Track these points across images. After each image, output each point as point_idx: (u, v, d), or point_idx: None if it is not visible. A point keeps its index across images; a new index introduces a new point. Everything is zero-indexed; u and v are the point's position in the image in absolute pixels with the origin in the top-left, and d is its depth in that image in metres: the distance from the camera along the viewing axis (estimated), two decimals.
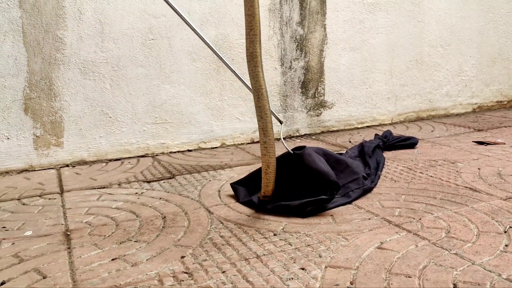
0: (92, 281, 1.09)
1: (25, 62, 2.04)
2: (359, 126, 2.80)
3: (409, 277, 1.05)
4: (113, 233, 1.37)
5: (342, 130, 2.74)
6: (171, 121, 2.33)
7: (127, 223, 1.44)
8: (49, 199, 1.71)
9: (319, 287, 1.03)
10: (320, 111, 2.68)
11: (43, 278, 1.12)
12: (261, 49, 1.33)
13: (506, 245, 1.19)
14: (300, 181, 1.55)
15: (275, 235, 1.32)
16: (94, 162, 2.20)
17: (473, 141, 2.32)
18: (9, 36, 2.01)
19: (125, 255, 1.22)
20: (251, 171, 1.92)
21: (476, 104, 3.18)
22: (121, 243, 1.29)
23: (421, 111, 2.99)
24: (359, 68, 2.75)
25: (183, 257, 1.19)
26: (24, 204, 1.66)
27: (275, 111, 2.54)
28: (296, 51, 2.56)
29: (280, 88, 2.55)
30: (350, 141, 2.44)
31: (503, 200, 1.52)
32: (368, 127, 2.81)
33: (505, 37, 3.19)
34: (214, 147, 2.43)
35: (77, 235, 1.36)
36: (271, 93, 2.53)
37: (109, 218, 1.49)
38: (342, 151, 2.17)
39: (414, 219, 1.39)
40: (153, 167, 2.08)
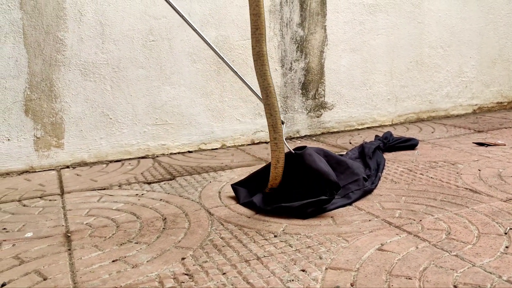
0: (92, 282, 1.09)
1: (25, 63, 2.04)
2: (359, 127, 2.80)
3: (410, 278, 1.05)
4: (113, 234, 1.37)
5: (342, 131, 2.75)
6: (172, 123, 2.33)
7: (127, 224, 1.44)
8: (50, 200, 1.71)
9: None
10: (320, 112, 2.68)
11: (44, 279, 1.12)
12: (266, 47, 1.36)
13: (506, 247, 1.19)
14: (300, 181, 1.55)
15: (275, 236, 1.32)
16: (94, 163, 2.20)
17: (473, 142, 2.32)
18: (10, 37, 2.01)
19: (125, 257, 1.22)
20: (251, 172, 1.92)
21: (476, 105, 3.18)
22: (121, 245, 1.29)
23: (421, 112, 2.99)
24: (359, 69, 2.75)
25: (183, 259, 1.19)
26: (24, 205, 1.66)
27: None
28: (296, 52, 2.57)
29: (280, 89, 2.55)
30: (350, 142, 2.44)
31: (504, 201, 1.52)
32: (368, 128, 2.81)
33: (505, 38, 3.20)
34: (214, 148, 2.43)
35: (78, 236, 1.37)
36: None
37: (109, 219, 1.49)
38: (342, 152, 2.17)
39: (414, 220, 1.39)
40: (154, 169, 2.08)
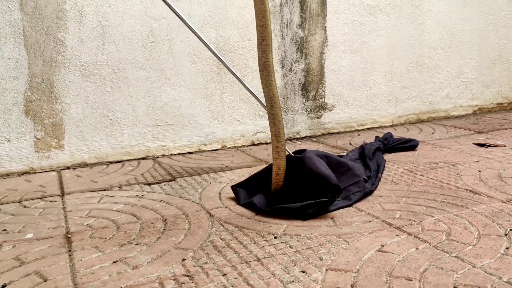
0: (93, 284, 1.09)
1: (26, 64, 2.05)
2: (360, 128, 2.80)
3: (410, 280, 1.05)
4: (114, 235, 1.37)
5: (342, 132, 2.75)
6: (172, 124, 2.33)
7: (128, 225, 1.44)
8: (50, 201, 1.71)
9: None
10: (320, 113, 2.68)
11: (44, 281, 1.12)
12: (272, 58, 1.39)
13: (506, 248, 1.19)
14: (301, 184, 1.55)
15: (275, 237, 1.32)
16: (94, 164, 2.20)
17: (473, 143, 2.32)
18: (10, 38, 2.01)
19: (126, 258, 1.22)
20: (251, 173, 1.92)
21: (476, 106, 3.18)
22: (122, 246, 1.29)
23: (421, 113, 2.99)
24: (359, 70, 2.75)
25: (184, 260, 1.19)
26: (25, 206, 1.66)
27: None
28: (296, 53, 2.57)
29: (280, 90, 2.55)
30: (350, 143, 2.44)
31: (504, 202, 1.52)
32: (368, 129, 2.81)
33: (506, 39, 3.20)
34: (214, 149, 2.44)
35: (78, 237, 1.37)
36: None
37: (110, 220, 1.49)
38: (342, 153, 2.17)
39: (414, 221, 1.39)
40: (154, 170, 2.08)
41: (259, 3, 1.36)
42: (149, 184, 1.87)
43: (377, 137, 2.37)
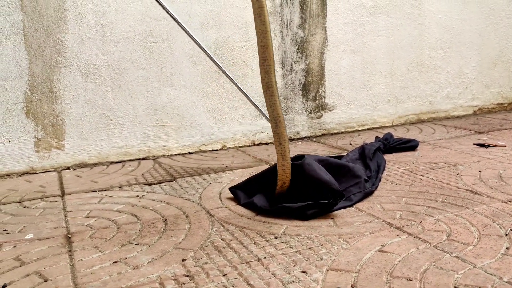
0: (93, 284, 1.09)
1: (26, 65, 2.05)
2: (360, 128, 2.80)
3: (410, 280, 1.05)
4: (114, 236, 1.37)
5: (343, 132, 2.75)
6: (172, 124, 2.33)
7: (128, 226, 1.44)
8: (50, 201, 1.71)
9: None
10: (320, 113, 2.68)
11: (44, 281, 1.12)
12: (275, 78, 1.40)
13: (507, 248, 1.19)
14: (300, 191, 1.54)
15: (276, 238, 1.32)
16: (95, 164, 2.20)
17: (474, 144, 2.32)
18: (11, 39, 2.01)
19: (126, 258, 1.22)
20: (252, 173, 1.92)
21: (476, 106, 3.18)
22: (122, 246, 1.29)
23: (421, 114, 2.99)
24: (359, 70, 2.76)
25: (184, 260, 1.19)
26: (25, 207, 1.66)
27: None
28: (296, 53, 2.57)
29: (281, 90, 2.55)
30: (351, 144, 2.44)
31: (504, 202, 1.52)
32: (368, 129, 2.82)
33: (506, 39, 3.20)
34: (215, 149, 2.44)
35: (78, 238, 1.37)
36: None
37: (110, 221, 1.49)
38: (343, 153, 2.17)
39: (415, 222, 1.39)
40: (154, 170, 2.08)
41: (259, 24, 1.35)
42: (150, 184, 1.87)
43: (377, 137, 2.37)
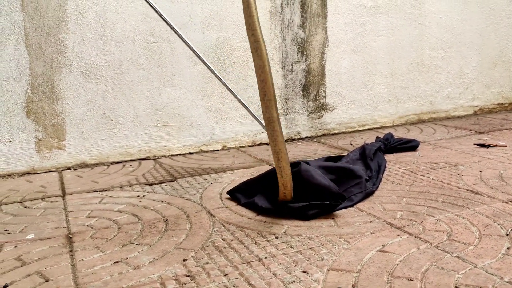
0: (94, 284, 1.10)
1: (27, 65, 2.05)
2: (361, 128, 2.80)
3: (411, 280, 1.05)
4: (115, 236, 1.37)
5: (343, 132, 2.75)
6: (173, 124, 2.33)
7: (129, 226, 1.45)
8: (51, 202, 1.71)
9: None
10: (321, 113, 2.68)
11: (46, 281, 1.12)
12: (277, 113, 1.38)
13: (508, 248, 1.19)
14: (300, 197, 1.53)
15: (277, 238, 1.32)
16: (96, 165, 2.20)
17: (474, 144, 2.32)
18: (12, 39, 2.01)
19: (127, 258, 1.22)
20: (252, 174, 1.93)
21: (477, 106, 3.18)
22: (123, 246, 1.30)
23: (422, 114, 2.99)
24: (360, 70, 2.76)
25: (185, 260, 1.20)
26: (26, 207, 1.66)
27: None
28: (297, 54, 2.57)
29: (281, 91, 2.55)
30: (351, 144, 2.44)
31: (505, 202, 1.52)
32: (369, 129, 2.82)
33: (506, 39, 3.20)
34: (215, 149, 2.44)
35: (79, 238, 1.37)
36: None
37: (111, 221, 1.49)
38: (343, 153, 2.17)
39: (415, 222, 1.39)
40: (155, 170, 2.08)
41: (257, 58, 1.34)
42: (150, 184, 1.87)
43: (378, 137, 2.37)
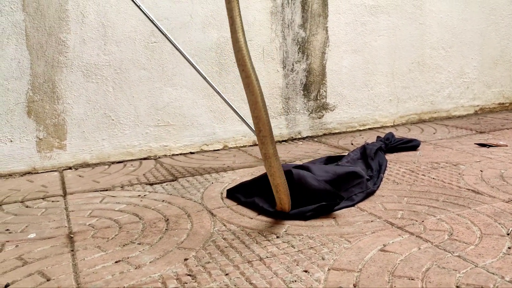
0: (95, 283, 1.10)
1: (28, 65, 2.05)
2: (361, 128, 2.80)
3: (412, 279, 1.05)
4: (116, 235, 1.37)
5: (344, 132, 2.75)
6: (174, 124, 2.33)
7: (130, 225, 1.45)
8: (52, 201, 1.71)
9: None
10: (322, 113, 2.68)
11: (47, 280, 1.12)
12: (274, 148, 1.36)
13: (509, 248, 1.19)
14: (297, 202, 1.51)
15: (278, 237, 1.32)
16: (96, 164, 2.21)
17: (475, 143, 2.32)
18: (13, 39, 2.01)
19: (128, 258, 1.22)
20: (253, 173, 1.93)
21: (478, 106, 3.18)
22: (124, 246, 1.30)
23: (423, 113, 2.99)
24: (361, 70, 2.76)
25: (186, 260, 1.20)
26: (27, 206, 1.66)
27: (277, 114, 2.55)
28: (298, 53, 2.57)
29: (282, 90, 2.55)
30: (352, 143, 2.44)
31: (506, 202, 1.52)
32: (370, 129, 2.82)
33: (507, 39, 3.20)
34: (216, 149, 2.44)
35: (81, 237, 1.37)
36: (273, 95, 2.53)
37: (112, 220, 1.49)
38: (344, 153, 2.17)
39: (416, 221, 1.39)
40: (156, 170, 2.08)
41: (249, 94, 1.34)
42: (151, 184, 1.88)
43: (378, 137, 2.37)
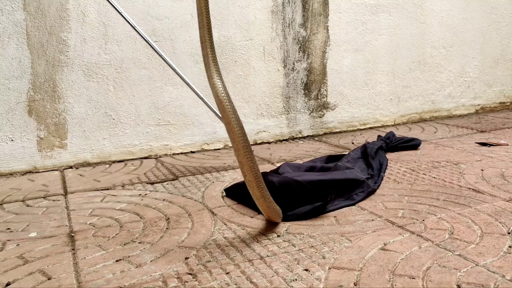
0: (96, 282, 1.10)
1: (29, 64, 2.05)
2: (362, 127, 2.80)
3: (413, 278, 1.05)
4: (117, 234, 1.37)
5: (345, 131, 2.75)
6: (174, 123, 2.34)
7: (131, 224, 1.45)
8: (53, 200, 1.71)
9: None
10: (322, 112, 2.68)
11: (48, 279, 1.12)
12: (260, 191, 1.31)
13: (509, 246, 1.19)
14: (289, 204, 1.52)
15: (278, 236, 1.32)
16: (97, 163, 2.21)
17: (476, 142, 2.32)
18: (13, 38, 2.02)
19: (129, 257, 1.22)
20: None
21: (478, 105, 3.18)
22: (125, 245, 1.30)
23: (423, 113, 2.99)
24: (361, 69, 2.75)
25: (187, 258, 1.20)
26: (28, 205, 1.67)
27: (278, 113, 2.55)
28: (298, 52, 2.57)
29: (282, 89, 2.55)
30: (353, 143, 2.44)
31: (506, 201, 1.52)
32: (370, 128, 2.81)
33: (508, 38, 3.19)
34: (217, 148, 2.44)
35: (81, 236, 1.37)
36: (273, 94, 2.53)
37: (113, 219, 1.50)
38: (345, 152, 2.17)
39: (417, 220, 1.39)
40: (156, 169, 2.08)
41: (231, 140, 1.26)
42: (152, 183, 1.88)
43: (379, 136, 2.37)
